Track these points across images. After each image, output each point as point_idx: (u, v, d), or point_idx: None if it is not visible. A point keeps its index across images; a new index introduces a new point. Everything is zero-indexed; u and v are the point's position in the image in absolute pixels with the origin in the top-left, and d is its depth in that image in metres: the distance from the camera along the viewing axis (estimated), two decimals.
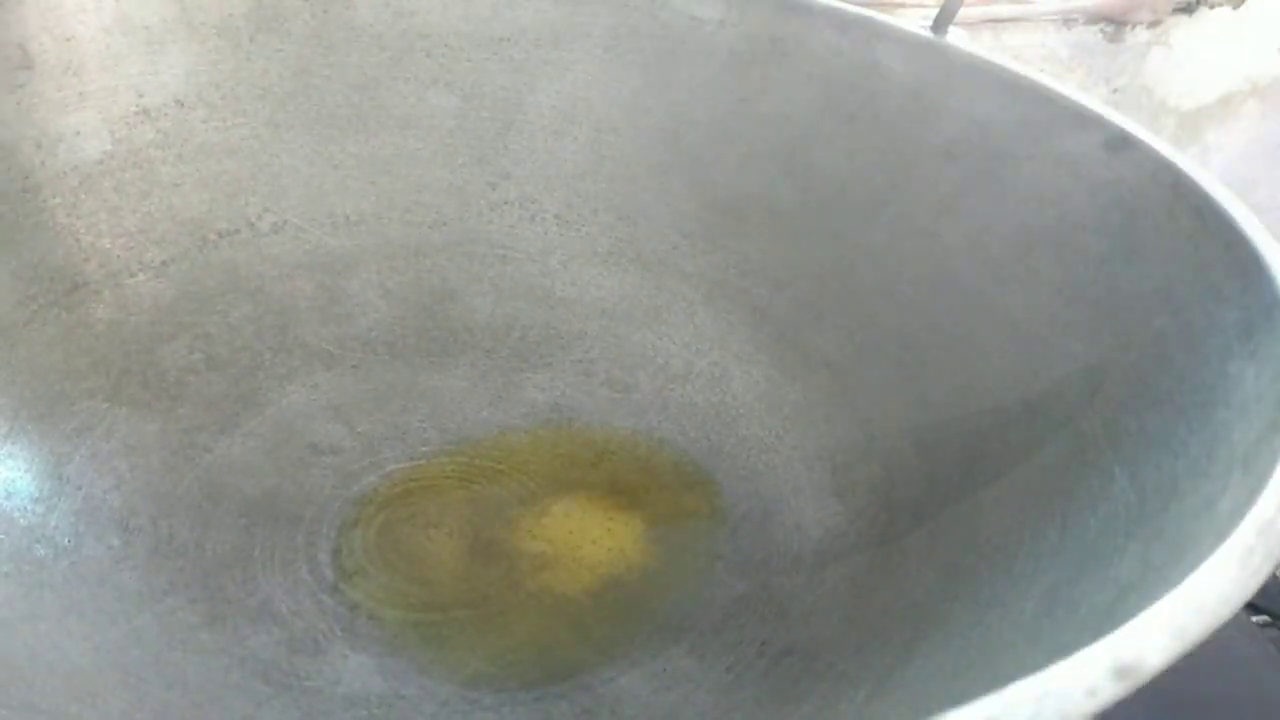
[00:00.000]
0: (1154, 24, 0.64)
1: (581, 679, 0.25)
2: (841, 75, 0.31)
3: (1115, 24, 0.63)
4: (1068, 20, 0.62)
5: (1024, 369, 0.26)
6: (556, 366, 0.34)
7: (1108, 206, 0.25)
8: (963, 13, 0.31)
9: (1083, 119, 0.26)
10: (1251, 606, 0.32)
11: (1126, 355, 0.23)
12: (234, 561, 0.27)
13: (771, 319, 0.33)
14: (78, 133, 0.30)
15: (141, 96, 0.31)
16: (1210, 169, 0.23)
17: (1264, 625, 0.31)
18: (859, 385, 0.30)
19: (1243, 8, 0.65)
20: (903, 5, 0.55)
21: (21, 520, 0.26)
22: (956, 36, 0.30)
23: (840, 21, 0.31)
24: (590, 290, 0.35)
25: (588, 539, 0.29)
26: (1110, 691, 0.11)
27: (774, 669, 0.25)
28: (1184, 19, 0.65)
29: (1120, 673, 0.11)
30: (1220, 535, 0.14)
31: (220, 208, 0.32)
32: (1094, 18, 0.63)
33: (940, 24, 0.30)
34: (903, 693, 0.21)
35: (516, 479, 0.31)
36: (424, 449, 0.31)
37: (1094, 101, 0.27)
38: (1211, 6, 0.65)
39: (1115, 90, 0.65)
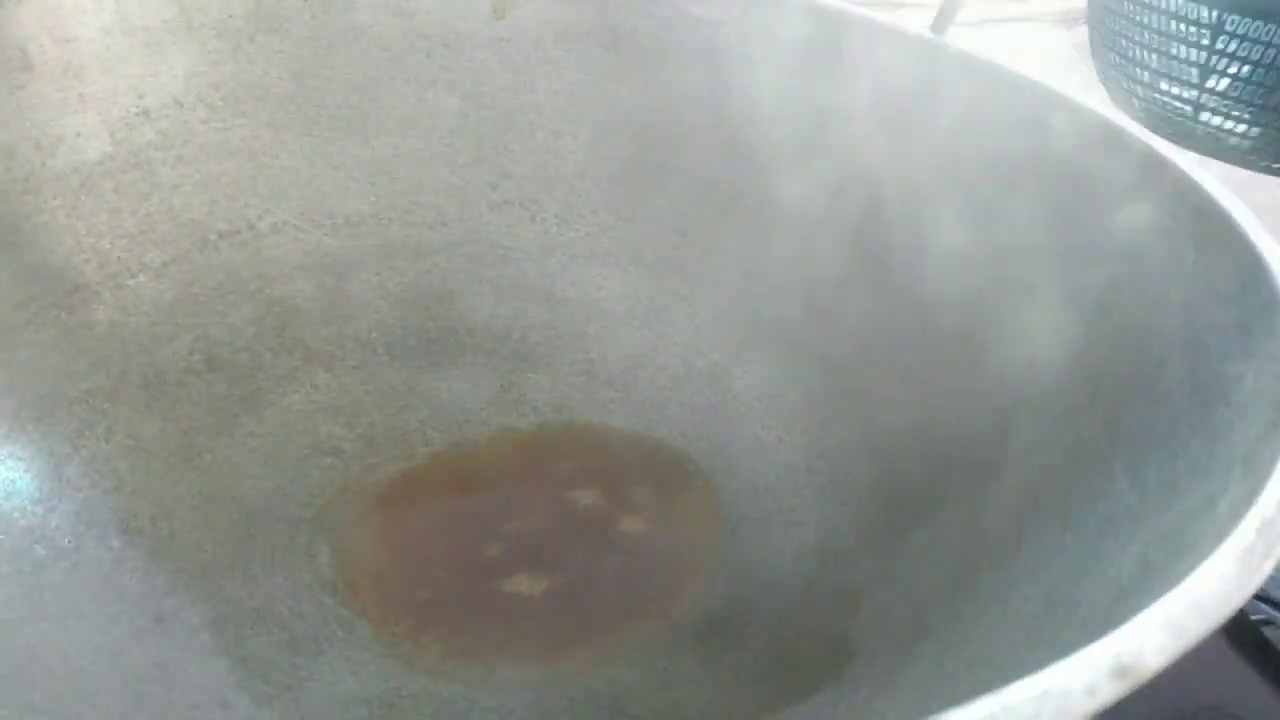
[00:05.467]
0: None
1: (582, 679, 0.25)
2: (841, 75, 0.31)
3: None
4: (1068, 20, 0.62)
5: (1024, 369, 0.26)
6: (556, 366, 0.34)
7: (1108, 207, 0.25)
8: (963, 13, 0.31)
9: (1083, 119, 0.26)
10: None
11: (1127, 355, 0.23)
12: (234, 562, 0.27)
13: (771, 319, 0.33)
14: (78, 134, 0.30)
15: (141, 98, 0.31)
16: (1210, 169, 0.23)
17: (1261, 623, 0.31)
18: (859, 385, 0.30)
19: None
20: (903, 5, 0.55)
21: (22, 521, 0.26)
22: (956, 36, 0.30)
23: (840, 21, 0.31)
24: (590, 290, 0.35)
25: (588, 540, 0.29)
26: (1110, 691, 0.11)
27: (775, 669, 0.25)
28: None
29: (1120, 672, 0.11)
30: (1220, 535, 0.14)
31: (220, 209, 0.32)
32: None
33: (940, 24, 0.30)
34: (903, 693, 0.21)
35: (516, 480, 0.31)
36: (424, 449, 0.31)
37: (1094, 101, 0.27)
38: None
39: None
